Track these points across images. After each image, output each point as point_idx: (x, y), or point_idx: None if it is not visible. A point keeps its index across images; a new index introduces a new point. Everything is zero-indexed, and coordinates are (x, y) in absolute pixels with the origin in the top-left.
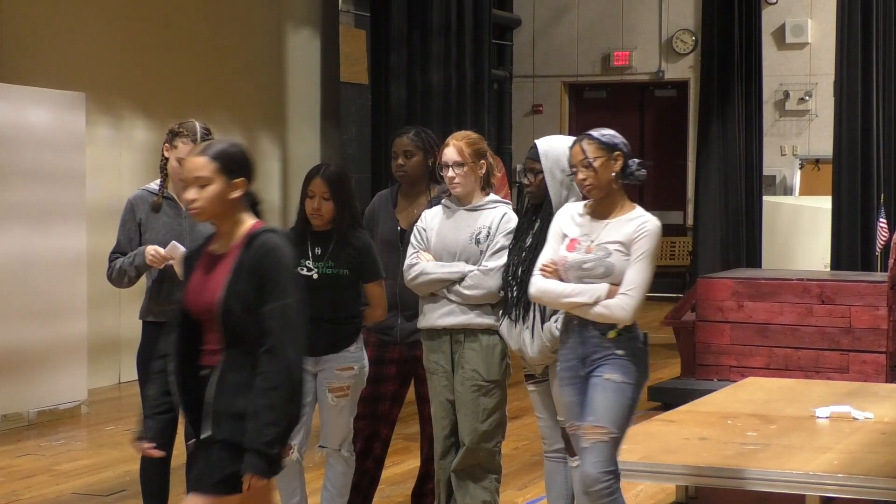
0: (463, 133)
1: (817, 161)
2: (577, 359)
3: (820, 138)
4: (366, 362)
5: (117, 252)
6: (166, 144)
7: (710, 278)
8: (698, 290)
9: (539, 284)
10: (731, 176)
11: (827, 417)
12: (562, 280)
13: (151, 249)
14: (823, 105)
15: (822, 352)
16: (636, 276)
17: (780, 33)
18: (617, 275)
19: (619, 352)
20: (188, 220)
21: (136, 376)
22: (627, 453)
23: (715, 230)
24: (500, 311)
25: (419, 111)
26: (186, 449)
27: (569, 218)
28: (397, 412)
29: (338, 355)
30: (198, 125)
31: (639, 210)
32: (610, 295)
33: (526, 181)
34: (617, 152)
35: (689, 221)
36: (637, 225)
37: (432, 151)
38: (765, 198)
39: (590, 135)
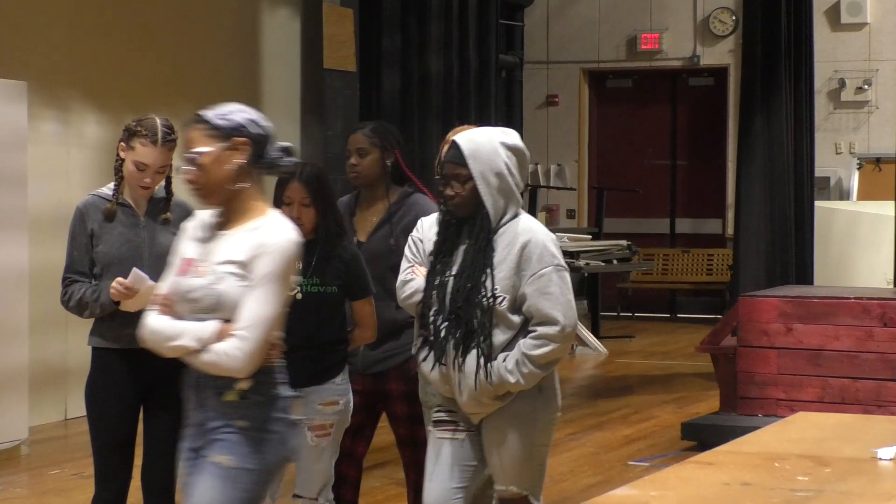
0: (466, 129)
1: (878, 160)
2: (195, 426)
3: (881, 134)
4: (351, 396)
5: (72, 273)
6: (122, 144)
7: (753, 297)
8: (740, 311)
9: (149, 324)
10: (777, 178)
11: (891, 459)
12: (177, 316)
13: (116, 284)
14: (885, 95)
15: (884, 382)
16: (253, 310)
17: (834, 12)
18: (230, 307)
19: (240, 422)
20: (146, 231)
21: (84, 412)
22: (658, 501)
23: (759, 241)
24: (417, 342)
25: (416, 103)
26: None
27: (193, 229)
28: (363, 449)
29: (322, 387)
30: (159, 122)
31: (268, 216)
32: (220, 336)
33: (450, 191)
34: (239, 138)
35: (729, 231)
36: (257, 238)
37: (391, 149)
38: (817, 203)
39: (200, 115)
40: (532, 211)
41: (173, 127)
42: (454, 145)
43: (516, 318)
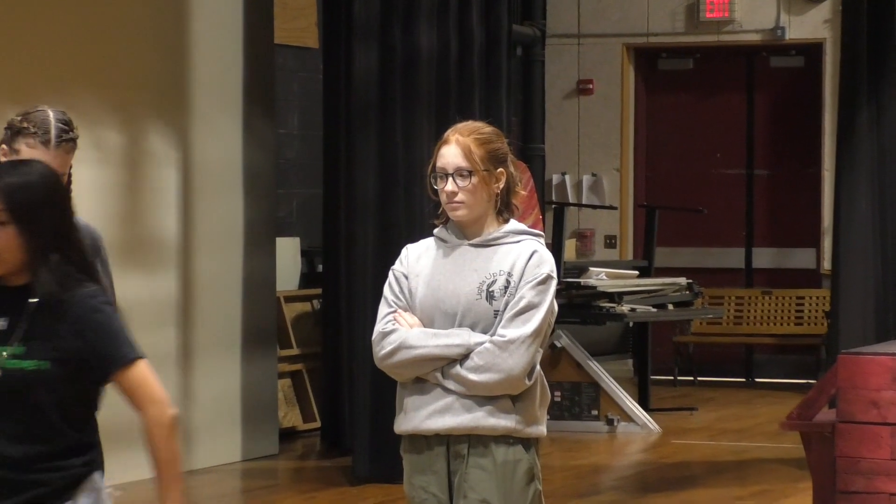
0: (470, 125)
1: None
2: None
3: None
4: None
5: None
6: (3, 147)
7: (858, 355)
8: (840, 374)
9: None
10: (890, 192)
11: None
12: None
13: None
14: None
15: None
16: None
17: None
18: None
19: None
20: None
21: None
22: None
23: (866, 278)
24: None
25: (399, 91)
26: None
27: None
28: None
29: None
30: (52, 116)
31: None
32: None
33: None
34: None
35: (826, 265)
36: None
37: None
38: None
39: None
40: (557, 237)
41: (71, 122)
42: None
43: None
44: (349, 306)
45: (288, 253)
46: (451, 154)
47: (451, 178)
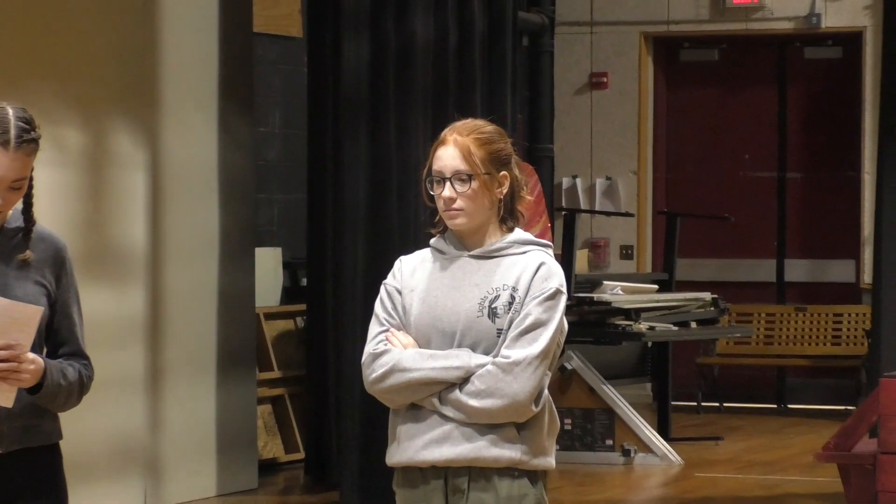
0: (469, 124)
1: None
2: None
3: None
4: None
5: None
6: None
7: None
8: (882, 400)
9: None
10: None
11: None
12: None
13: None
14: None
15: None
16: None
17: None
18: None
19: None
20: None
21: None
22: None
23: None
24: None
25: (392, 85)
26: None
27: None
28: None
29: None
30: (11, 113)
31: None
32: None
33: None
34: None
35: (867, 278)
36: None
37: None
38: None
39: None
40: (568, 247)
41: (33, 121)
42: None
43: None
44: (336, 324)
45: (268, 265)
46: (448, 156)
47: (448, 183)
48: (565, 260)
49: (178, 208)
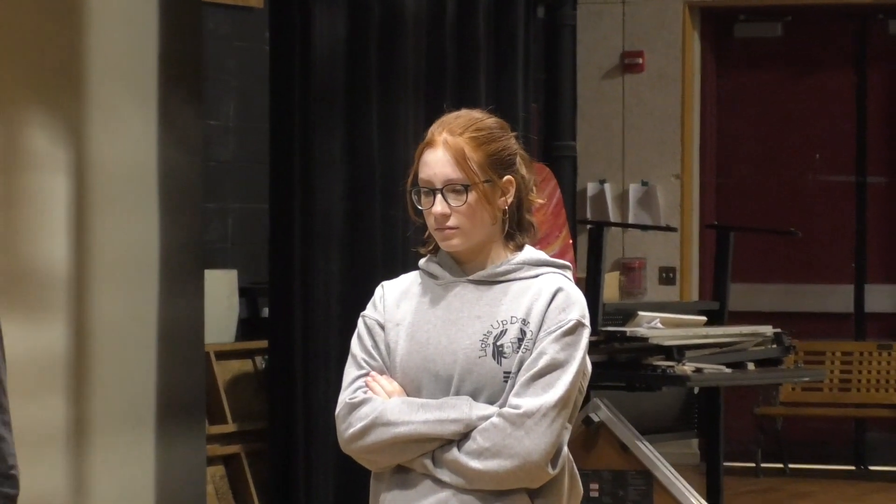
0: (463, 118)
1: None
2: None
3: None
4: None
5: None
6: None
7: None
8: None
9: None
10: None
11: None
12: None
13: None
14: None
15: None
16: None
17: None
18: None
19: None
20: None
21: None
22: None
23: None
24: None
25: (375, 67)
26: None
27: None
28: None
29: None
30: None
31: None
32: None
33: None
34: None
35: None
36: None
37: None
38: None
39: None
40: (594, 269)
41: None
42: None
43: None
44: (305, 366)
45: (221, 291)
46: (437, 161)
47: (439, 196)
48: (590, 285)
49: (107, 220)
